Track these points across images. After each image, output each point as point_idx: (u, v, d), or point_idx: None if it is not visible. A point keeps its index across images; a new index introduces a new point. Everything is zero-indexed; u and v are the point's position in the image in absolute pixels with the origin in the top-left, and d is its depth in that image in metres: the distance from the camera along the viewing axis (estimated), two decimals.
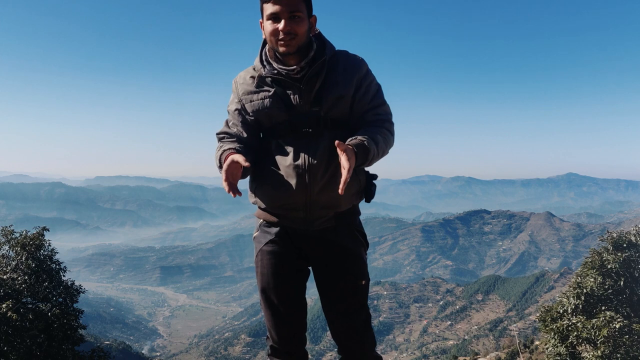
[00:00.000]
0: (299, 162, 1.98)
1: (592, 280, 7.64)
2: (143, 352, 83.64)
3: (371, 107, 2.08)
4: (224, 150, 2.00)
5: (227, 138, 2.12)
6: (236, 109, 2.13)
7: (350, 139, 1.94)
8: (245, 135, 2.10)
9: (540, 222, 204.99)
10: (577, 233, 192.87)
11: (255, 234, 2.23)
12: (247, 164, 1.83)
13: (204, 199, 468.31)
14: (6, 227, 10.07)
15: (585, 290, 7.60)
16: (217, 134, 2.17)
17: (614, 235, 7.99)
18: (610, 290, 7.56)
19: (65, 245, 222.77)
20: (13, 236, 9.87)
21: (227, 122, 2.17)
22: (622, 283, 7.46)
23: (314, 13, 2.04)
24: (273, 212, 2.11)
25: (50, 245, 10.10)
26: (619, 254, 7.59)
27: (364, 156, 1.92)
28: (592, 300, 7.63)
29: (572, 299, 7.71)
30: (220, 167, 1.96)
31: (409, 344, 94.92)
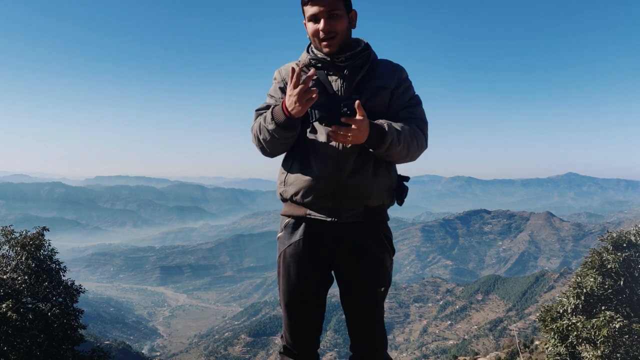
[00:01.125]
0: (332, 145, 2.02)
1: (592, 280, 7.64)
2: (143, 352, 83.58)
3: (407, 106, 2.14)
4: (274, 105, 2.03)
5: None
6: (280, 88, 2.18)
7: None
8: None
9: (540, 222, 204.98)
10: (577, 233, 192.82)
11: (279, 235, 2.22)
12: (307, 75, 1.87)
13: (204, 199, 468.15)
14: (6, 227, 10.04)
15: (585, 290, 7.60)
16: (257, 109, 2.18)
17: (614, 235, 7.98)
18: (610, 290, 7.55)
19: (65, 245, 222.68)
20: (13, 236, 9.85)
21: (266, 103, 2.21)
22: (622, 283, 7.46)
23: (353, 8, 2.12)
24: (301, 202, 2.09)
25: (50, 245, 10.08)
26: (619, 253, 7.59)
27: (380, 138, 1.94)
28: (592, 300, 7.62)
29: (572, 298, 7.71)
30: (273, 120, 1.98)
31: (409, 343, 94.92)
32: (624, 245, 7.75)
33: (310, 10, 2.01)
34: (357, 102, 1.86)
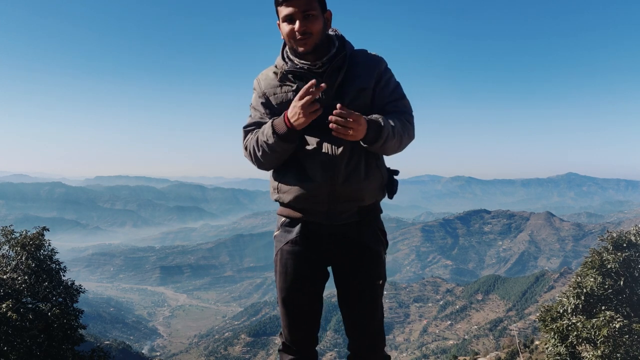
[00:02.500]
0: (322, 153, 2.03)
1: (592, 280, 7.64)
2: (143, 352, 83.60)
3: (391, 100, 2.13)
4: (274, 119, 2.04)
5: (257, 129, 2.14)
6: (261, 102, 2.17)
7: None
8: None
9: (540, 222, 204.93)
10: (577, 233, 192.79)
11: (275, 233, 2.25)
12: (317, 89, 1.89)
13: (204, 199, 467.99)
14: (6, 227, 10.04)
15: (585, 290, 7.60)
16: (245, 127, 2.18)
17: (614, 235, 7.98)
18: (610, 290, 7.55)
19: (65, 245, 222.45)
20: (13, 236, 9.85)
21: (252, 117, 2.20)
22: (622, 283, 7.46)
23: (328, 8, 2.10)
24: (297, 206, 2.11)
25: (50, 245, 10.08)
26: (619, 253, 7.59)
27: (376, 130, 1.96)
28: (592, 300, 7.63)
29: (572, 298, 7.71)
30: (275, 134, 1.99)
31: (409, 343, 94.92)
32: (624, 245, 7.75)
33: (285, 10, 1.99)
34: (338, 105, 1.87)
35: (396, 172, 2.23)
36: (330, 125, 1.87)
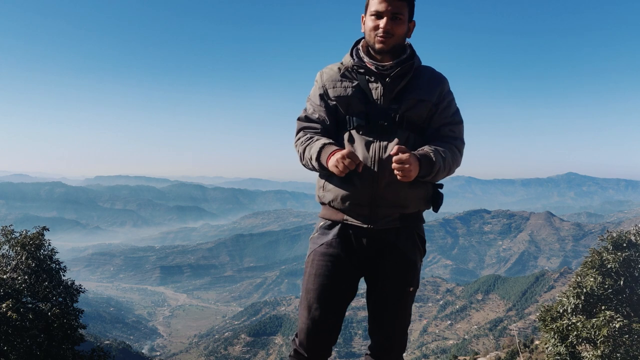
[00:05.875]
0: (369, 155, 2.03)
1: (592, 279, 7.64)
2: (143, 351, 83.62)
3: (449, 122, 2.15)
4: (324, 144, 2.06)
5: (310, 124, 2.20)
6: (319, 94, 2.19)
7: (418, 150, 2.02)
8: (328, 121, 2.17)
9: (540, 222, 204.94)
10: (577, 233, 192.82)
11: (312, 235, 2.25)
12: (356, 165, 1.96)
13: (203, 199, 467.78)
14: (6, 226, 10.04)
15: (585, 290, 7.59)
16: (299, 119, 2.23)
17: (614, 234, 7.97)
18: (610, 290, 7.55)
19: (65, 245, 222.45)
20: (13, 236, 9.84)
21: (306, 110, 2.23)
22: (622, 282, 7.46)
23: (414, 19, 2.14)
24: (339, 208, 2.12)
25: (50, 245, 10.07)
26: (619, 253, 7.58)
27: (428, 167, 1.98)
28: (592, 300, 7.62)
29: (572, 298, 7.70)
30: (317, 159, 2.05)
31: (409, 343, 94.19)
32: (624, 245, 7.74)
33: (376, 6, 2.03)
34: (395, 147, 1.92)
35: (441, 186, 2.21)
36: (392, 165, 1.91)
